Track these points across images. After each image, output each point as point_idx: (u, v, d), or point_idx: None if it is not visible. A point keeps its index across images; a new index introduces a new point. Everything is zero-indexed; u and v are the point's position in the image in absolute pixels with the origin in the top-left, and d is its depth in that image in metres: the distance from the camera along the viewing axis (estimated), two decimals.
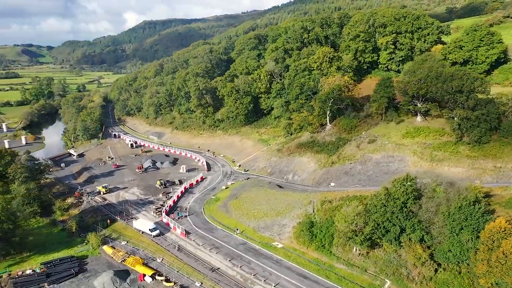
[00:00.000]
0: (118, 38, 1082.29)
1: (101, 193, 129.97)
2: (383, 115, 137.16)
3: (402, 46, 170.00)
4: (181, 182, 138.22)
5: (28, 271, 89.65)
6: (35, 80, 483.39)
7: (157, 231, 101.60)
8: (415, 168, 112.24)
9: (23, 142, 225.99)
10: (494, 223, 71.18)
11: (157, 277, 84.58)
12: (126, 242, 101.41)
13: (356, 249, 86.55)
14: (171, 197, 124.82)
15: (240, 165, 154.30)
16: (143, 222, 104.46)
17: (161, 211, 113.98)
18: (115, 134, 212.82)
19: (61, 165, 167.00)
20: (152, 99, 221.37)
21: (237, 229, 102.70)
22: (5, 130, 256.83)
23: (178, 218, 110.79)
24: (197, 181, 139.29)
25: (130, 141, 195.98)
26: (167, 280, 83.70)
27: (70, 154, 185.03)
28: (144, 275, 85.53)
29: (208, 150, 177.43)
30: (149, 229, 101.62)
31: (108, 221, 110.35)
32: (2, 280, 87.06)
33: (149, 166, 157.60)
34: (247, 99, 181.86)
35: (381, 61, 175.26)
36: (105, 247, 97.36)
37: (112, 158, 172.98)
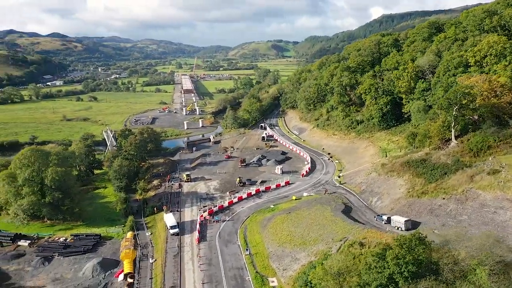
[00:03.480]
0: (354, 33, 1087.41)
1: (183, 180, 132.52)
2: None
3: None
4: (262, 183, 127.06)
5: (62, 239, 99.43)
6: (257, 71, 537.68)
7: (176, 230, 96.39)
8: None
9: (200, 125, 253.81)
10: None
11: (128, 279, 79.95)
12: (150, 233, 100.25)
13: None
14: (234, 196, 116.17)
15: (340, 176, 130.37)
16: (170, 218, 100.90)
17: (205, 209, 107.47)
18: (261, 126, 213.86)
19: (193, 149, 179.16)
20: (304, 93, 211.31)
21: (247, 250, 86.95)
22: (197, 113, 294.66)
23: (214, 221, 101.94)
24: (278, 185, 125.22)
25: (266, 133, 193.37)
26: (131, 285, 78.08)
27: (210, 140, 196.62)
28: (122, 271, 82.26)
29: (329, 153, 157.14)
30: (170, 226, 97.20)
31: (155, 209, 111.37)
32: (40, 241, 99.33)
33: (253, 161, 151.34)
34: (384, 100, 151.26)
35: None
36: (129, 233, 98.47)
37: (234, 149, 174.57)
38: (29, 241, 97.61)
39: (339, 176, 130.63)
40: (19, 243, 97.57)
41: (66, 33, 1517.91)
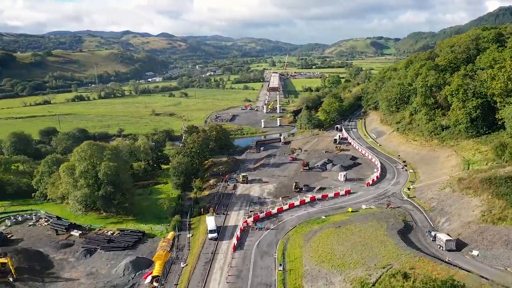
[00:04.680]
0: (463, 28, 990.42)
1: (239, 181, 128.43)
2: None
3: None
4: (320, 190, 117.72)
5: (109, 232, 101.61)
6: (348, 69, 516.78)
7: (214, 234, 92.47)
8: None
9: (277, 123, 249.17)
10: None
11: (154, 282, 77.86)
12: (191, 235, 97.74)
13: None
14: (286, 203, 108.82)
15: (410, 188, 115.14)
16: (211, 221, 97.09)
17: (250, 215, 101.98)
18: (337, 127, 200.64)
19: (260, 149, 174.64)
20: (386, 93, 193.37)
21: (281, 265, 79.27)
22: (278, 111, 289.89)
23: (256, 229, 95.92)
24: (336, 194, 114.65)
25: (339, 136, 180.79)
26: None
27: (280, 140, 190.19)
28: (151, 273, 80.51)
29: (404, 161, 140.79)
30: (209, 230, 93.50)
31: (202, 210, 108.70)
32: (91, 233, 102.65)
33: (317, 165, 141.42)
34: (473, 103, 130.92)
35: None
36: (170, 234, 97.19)
37: (301, 151, 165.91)
38: (80, 232, 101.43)
39: (409, 189, 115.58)
40: (72, 232, 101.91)
41: (173, 33, 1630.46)
